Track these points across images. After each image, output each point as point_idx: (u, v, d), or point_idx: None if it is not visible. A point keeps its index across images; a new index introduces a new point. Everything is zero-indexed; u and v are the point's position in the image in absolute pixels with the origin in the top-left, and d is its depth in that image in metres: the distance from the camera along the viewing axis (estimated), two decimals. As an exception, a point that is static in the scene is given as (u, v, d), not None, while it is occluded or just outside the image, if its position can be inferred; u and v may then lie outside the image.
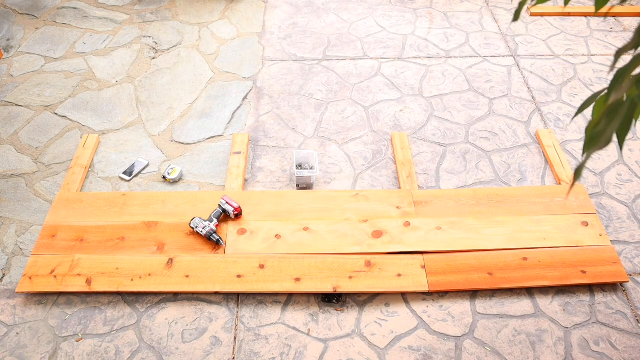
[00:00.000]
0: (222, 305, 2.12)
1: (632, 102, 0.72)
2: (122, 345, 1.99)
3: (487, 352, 1.99)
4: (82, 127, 2.85)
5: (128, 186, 2.56)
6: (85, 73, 3.18)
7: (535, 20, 3.64)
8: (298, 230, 2.29)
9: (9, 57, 3.28)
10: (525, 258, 2.20)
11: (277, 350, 1.99)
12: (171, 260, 2.18)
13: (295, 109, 2.95)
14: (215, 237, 2.21)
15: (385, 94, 3.06)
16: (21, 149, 2.74)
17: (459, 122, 2.89)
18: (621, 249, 2.33)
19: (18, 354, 1.97)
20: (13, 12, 3.60)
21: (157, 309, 2.10)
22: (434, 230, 2.29)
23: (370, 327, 2.06)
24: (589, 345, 2.01)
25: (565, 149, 2.74)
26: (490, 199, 2.43)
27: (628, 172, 2.64)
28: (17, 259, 2.28)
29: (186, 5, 3.72)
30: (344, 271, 2.15)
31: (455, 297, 2.15)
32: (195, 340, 2.01)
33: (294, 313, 2.10)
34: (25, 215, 2.44)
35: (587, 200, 2.43)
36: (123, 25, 3.54)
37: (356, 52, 3.35)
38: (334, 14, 3.68)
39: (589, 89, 3.10)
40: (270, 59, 3.30)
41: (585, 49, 3.39)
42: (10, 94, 3.03)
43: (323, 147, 2.74)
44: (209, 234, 2.21)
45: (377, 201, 2.41)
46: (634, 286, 2.20)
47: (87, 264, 2.17)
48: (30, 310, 2.10)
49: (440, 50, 3.37)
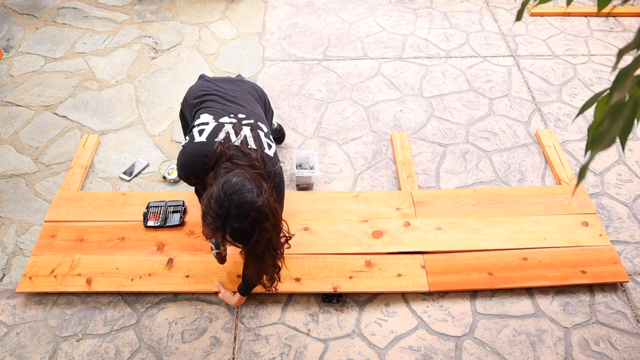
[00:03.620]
0: (222, 305, 2.12)
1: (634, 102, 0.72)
2: (122, 345, 1.99)
3: (487, 352, 1.99)
4: (82, 127, 2.85)
5: (128, 186, 2.55)
6: (85, 73, 3.18)
7: (536, 20, 3.64)
8: (298, 230, 2.29)
9: (9, 57, 3.28)
10: (525, 258, 2.20)
11: (277, 350, 1.99)
12: (171, 260, 2.18)
13: (295, 109, 2.95)
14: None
15: (385, 94, 3.06)
16: (21, 149, 2.74)
17: (459, 122, 2.89)
18: (621, 249, 2.33)
19: (18, 354, 1.97)
20: (13, 12, 3.60)
21: (157, 309, 2.10)
22: (434, 230, 2.29)
23: (370, 327, 2.06)
24: (589, 345, 2.01)
25: (565, 149, 2.74)
26: (490, 199, 2.43)
27: (628, 172, 2.64)
28: (17, 259, 2.28)
29: (186, 5, 3.72)
30: (344, 271, 2.15)
31: (455, 297, 2.15)
32: (195, 340, 2.01)
33: (294, 313, 2.10)
34: (25, 215, 2.44)
35: (587, 200, 2.43)
36: (123, 25, 3.53)
37: (356, 52, 3.35)
38: (334, 14, 3.68)
39: (589, 89, 3.11)
40: (270, 59, 3.30)
41: (586, 49, 3.39)
42: (10, 94, 3.03)
43: (323, 147, 2.74)
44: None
45: (377, 202, 2.41)
46: (634, 286, 2.20)
47: (87, 264, 2.17)
48: (30, 310, 2.10)
49: (440, 50, 3.37)
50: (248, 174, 1.56)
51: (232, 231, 1.53)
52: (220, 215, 1.51)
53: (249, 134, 1.74)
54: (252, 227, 1.53)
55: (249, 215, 1.51)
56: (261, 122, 1.85)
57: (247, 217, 1.51)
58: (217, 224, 1.52)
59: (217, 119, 1.77)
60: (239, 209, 1.50)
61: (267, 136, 1.82)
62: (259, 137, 1.76)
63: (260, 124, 1.83)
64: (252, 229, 1.54)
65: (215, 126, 1.74)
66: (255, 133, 1.76)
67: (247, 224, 1.52)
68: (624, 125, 0.72)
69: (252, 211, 1.51)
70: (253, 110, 1.90)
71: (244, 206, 1.50)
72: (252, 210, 1.51)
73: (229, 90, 1.93)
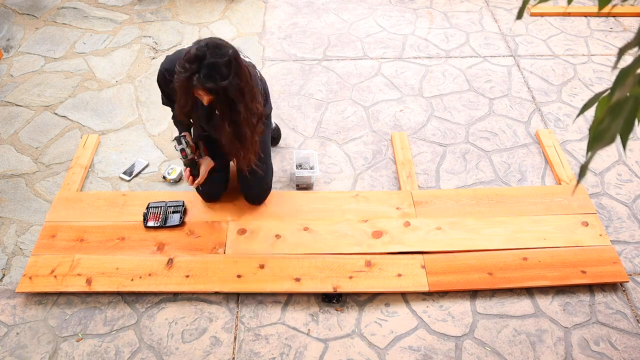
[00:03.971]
0: (222, 305, 2.12)
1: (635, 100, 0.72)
2: (122, 345, 1.99)
3: (487, 352, 1.99)
4: (82, 127, 2.85)
5: (128, 186, 2.55)
6: (85, 73, 3.17)
7: (535, 20, 3.65)
8: (298, 230, 2.29)
9: (9, 57, 3.28)
10: (525, 258, 2.20)
11: (277, 350, 1.99)
12: (171, 260, 2.18)
13: (295, 109, 2.95)
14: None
15: (385, 94, 3.06)
16: (21, 149, 2.74)
17: (459, 122, 2.89)
18: (621, 249, 2.33)
19: (18, 354, 1.97)
20: (13, 12, 3.60)
21: (157, 309, 2.10)
22: (434, 230, 2.29)
23: (370, 327, 2.06)
24: (589, 345, 2.01)
25: (565, 149, 2.74)
26: (490, 199, 2.43)
27: (628, 172, 2.64)
28: (17, 259, 2.28)
29: (186, 5, 3.72)
30: (344, 271, 2.15)
31: (455, 297, 2.14)
32: (195, 340, 2.01)
33: (294, 313, 2.10)
34: (25, 215, 2.44)
35: (587, 200, 2.43)
36: (123, 25, 3.53)
37: (356, 52, 3.35)
38: (334, 14, 3.68)
39: (589, 89, 3.11)
40: (270, 59, 3.30)
41: (585, 49, 3.39)
42: (10, 94, 3.03)
43: (323, 147, 2.74)
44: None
45: (377, 202, 2.41)
46: (634, 286, 2.20)
47: (87, 264, 2.17)
48: (30, 310, 2.10)
49: (440, 50, 3.37)
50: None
51: (206, 71, 1.63)
52: (197, 57, 1.62)
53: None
54: (227, 66, 1.64)
55: (223, 54, 1.64)
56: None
57: (221, 55, 1.63)
58: (193, 66, 1.63)
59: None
60: (216, 49, 1.64)
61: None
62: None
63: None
64: (228, 69, 1.64)
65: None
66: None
67: (221, 61, 1.63)
68: (625, 123, 0.72)
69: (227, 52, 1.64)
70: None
71: (220, 47, 1.65)
72: (227, 51, 1.65)
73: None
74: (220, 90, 1.68)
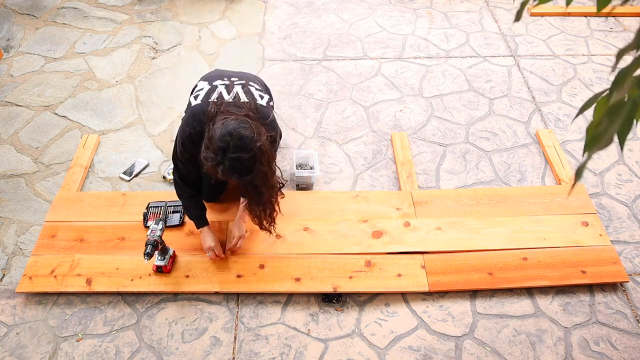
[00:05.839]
0: (222, 305, 2.12)
1: (633, 102, 0.72)
2: (122, 345, 1.99)
3: (487, 352, 1.99)
4: (82, 127, 2.85)
5: (128, 186, 2.56)
6: (85, 73, 3.18)
7: (535, 20, 3.64)
8: (298, 230, 2.29)
9: (9, 57, 3.28)
10: (525, 258, 2.20)
11: (277, 350, 1.99)
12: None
13: (295, 109, 2.95)
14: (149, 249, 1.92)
15: (385, 94, 3.06)
16: (21, 149, 2.74)
17: (459, 122, 2.89)
18: (621, 249, 2.33)
19: (18, 354, 1.97)
20: (13, 12, 3.60)
21: (157, 309, 2.10)
22: (434, 230, 2.29)
23: (370, 327, 2.06)
24: (589, 345, 2.01)
25: (565, 149, 2.74)
26: (490, 199, 2.43)
27: (628, 172, 2.64)
28: (17, 259, 2.28)
29: (186, 5, 3.72)
30: (344, 271, 2.15)
31: (455, 297, 2.15)
32: (195, 340, 2.01)
33: (294, 313, 2.10)
34: (25, 215, 2.44)
35: (587, 200, 2.43)
36: (123, 25, 3.54)
37: (356, 52, 3.35)
38: (334, 14, 3.68)
39: (589, 89, 3.11)
40: (270, 59, 3.30)
41: (585, 49, 3.39)
42: (10, 94, 3.03)
43: (323, 147, 2.74)
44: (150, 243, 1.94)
45: (377, 202, 2.41)
46: (634, 286, 2.20)
47: (87, 264, 2.17)
48: (30, 310, 2.10)
49: (440, 50, 3.37)
50: (245, 119, 1.70)
51: (231, 164, 1.63)
52: (221, 149, 1.62)
53: (241, 91, 1.87)
54: (251, 160, 1.65)
55: (247, 148, 1.62)
56: (253, 82, 1.98)
57: (246, 150, 1.62)
58: (217, 157, 1.62)
59: (210, 83, 1.91)
60: (240, 141, 1.61)
61: (260, 91, 1.94)
62: (250, 92, 1.88)
63: (252, 82, 1.96)
64: (251, 162, 1.65)
65: (209, 89, 1.87)
66: (246, 89, 1.89)
67: (245, 156, 1.63)
68: (623, 125, 0.73)
69: (251, 145, 1.63)
70: (246, 75, 2.04)
71: (244, 139, 1.62)
72: (251, 144, 1.63)
73: (228, 69, 2.14)
74: (244, 180, 1.72)
